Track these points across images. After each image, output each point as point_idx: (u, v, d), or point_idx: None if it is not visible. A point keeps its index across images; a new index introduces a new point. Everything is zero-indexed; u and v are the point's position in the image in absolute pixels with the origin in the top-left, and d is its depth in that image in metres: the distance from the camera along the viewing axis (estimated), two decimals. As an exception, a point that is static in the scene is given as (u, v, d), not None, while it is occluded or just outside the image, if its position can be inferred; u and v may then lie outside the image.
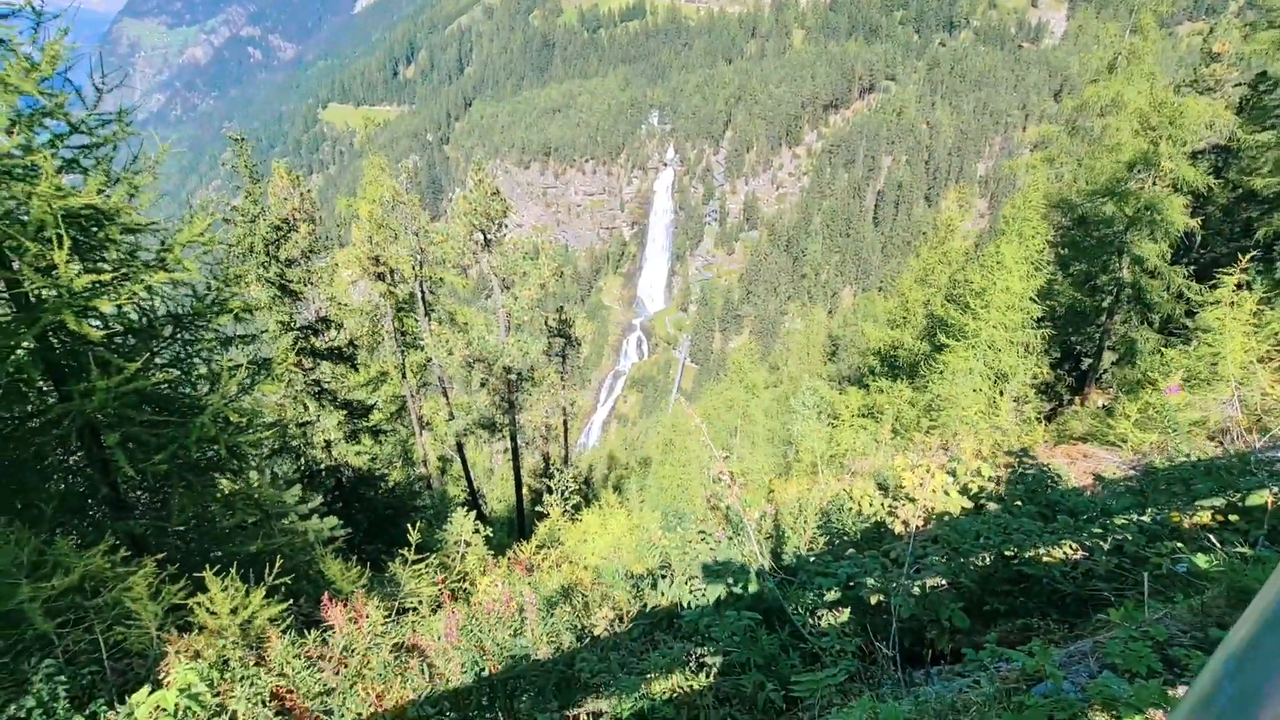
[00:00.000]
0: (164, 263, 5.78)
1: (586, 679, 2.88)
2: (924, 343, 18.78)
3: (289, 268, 13.12)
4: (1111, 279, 17.00)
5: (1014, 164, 25.71)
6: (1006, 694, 1.97)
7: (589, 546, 11.48)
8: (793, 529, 4.73)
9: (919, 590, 3.28)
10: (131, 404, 5.58)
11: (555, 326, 23.09)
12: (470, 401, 20.11)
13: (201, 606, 4.62)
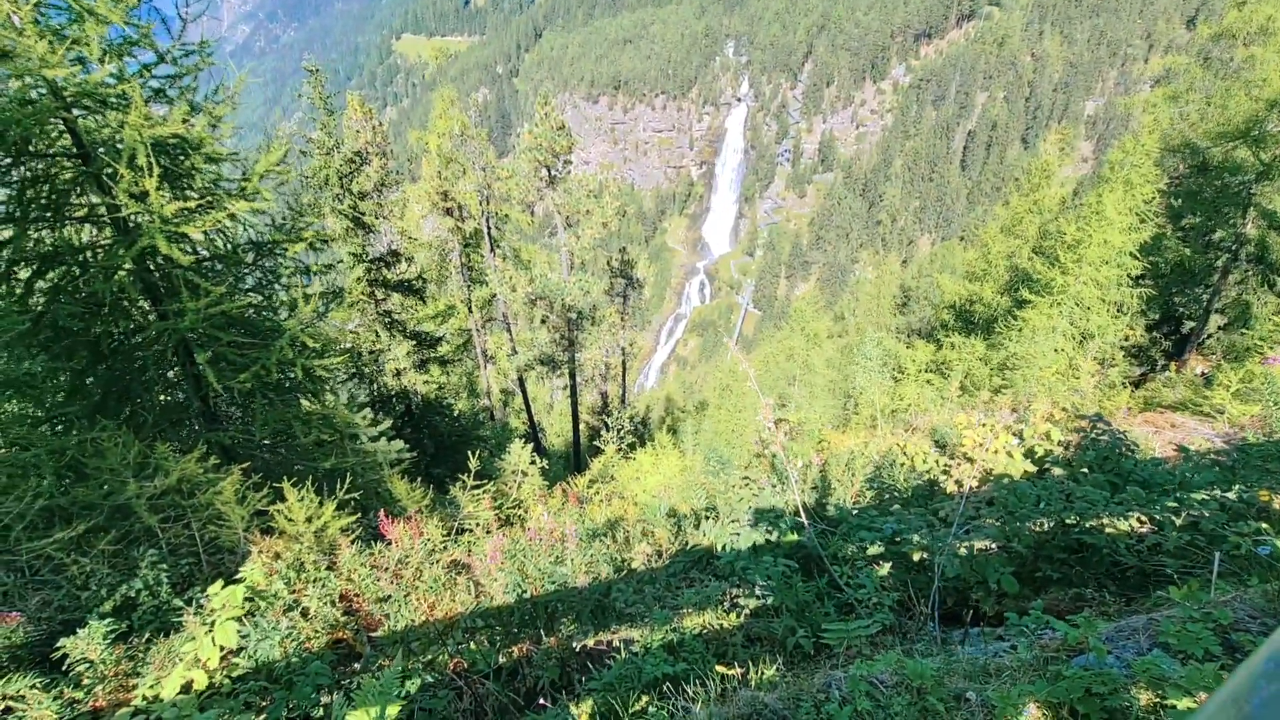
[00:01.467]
0: (244, 192, 6.05)
1: (621, 608, 2.99)
2: (1004, 297, 17.69)
3: (362, 200, 13.52)
4: (1231, 234, 15.33)
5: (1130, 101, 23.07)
6: (1044, 662, 1.91)
7: (640, 484, 11.77)
8: (840, 481, 4.67)
9: (966, 551, 3.19)
10: (219, 325, 5.99)
11: (617, 267, 23.06)
12: (532, 338, 20.56)
13: (281, 514, 5.05)
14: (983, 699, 1.75)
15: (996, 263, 18.28)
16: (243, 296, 6.45)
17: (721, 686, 2.10)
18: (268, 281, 6.82)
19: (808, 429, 14.63)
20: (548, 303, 18.64)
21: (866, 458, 6.54)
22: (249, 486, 5.48)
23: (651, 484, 11.65)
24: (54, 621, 4.11)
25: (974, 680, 1.88)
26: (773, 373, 21.96)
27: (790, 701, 1.84)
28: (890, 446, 6.80)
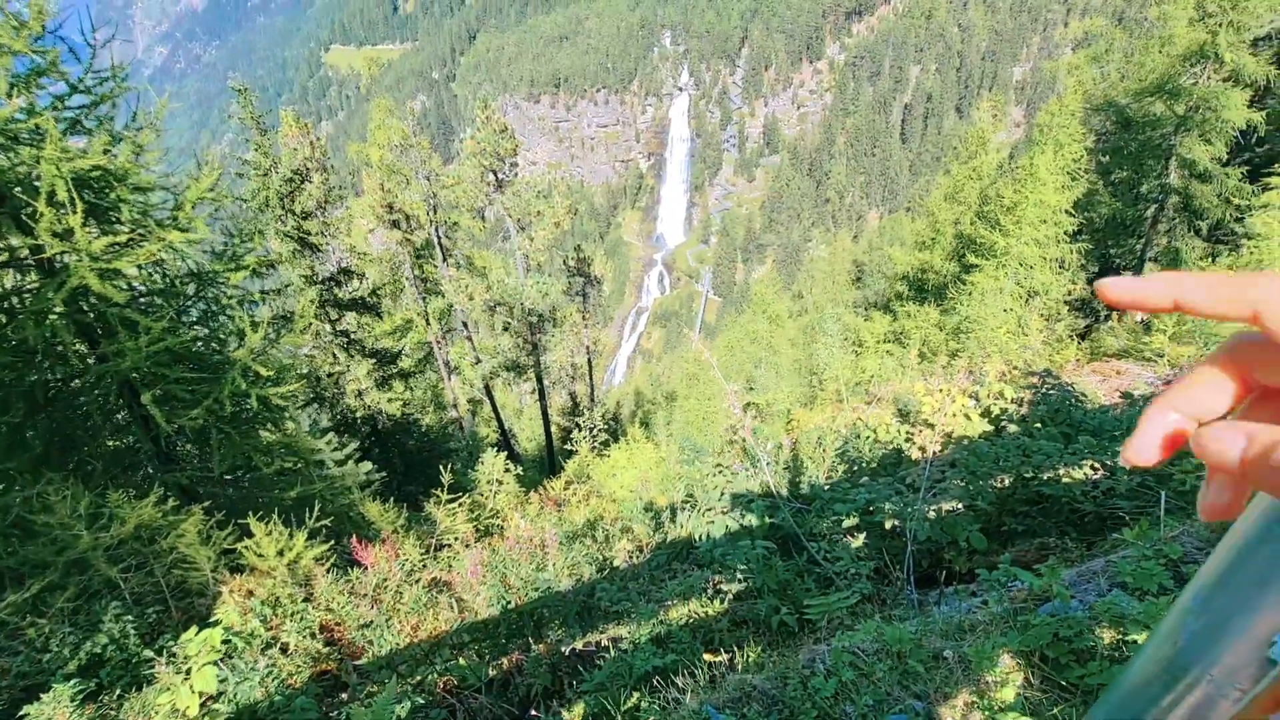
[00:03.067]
0: (177, 221, 5.82)
1: (607, 607, 3.00)
2: (953, 263, 18.21)
3: (305, 220, 13.13)
4: (1157, 185, 16.05)
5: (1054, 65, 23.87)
6: (1014, 613, 1.99)
7: (617, 481, 11.79)
8: (811, 458, 4.76)
9: (935, 514, 3.30)
10: (163, 362, 5.75)
11: (574, 265, 22.93)
12: (495, 344, 20.32)
13: (250, 550, 4.90)
14: (959, 655, 1.82)
15: (943, 230, 18.81)
16: (186, 330, 6.20)
17: (710, 673, 2.13)
18: (213, 312, 6.58)
19: (777, 410, 14.86)
20: (507, 308, 18.44)
21: (835, 432, 6.68)
22: (213, 525, 5.30)
23: (628, 479, 11.68)
24: (16, 689, 3.92)
25: (950, 638, 1.95)
26: (738, 357, 22.20)
27: (777, 680, 1.89)
28: (854, 420, 6.95)
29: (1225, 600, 0.48)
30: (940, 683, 1.77)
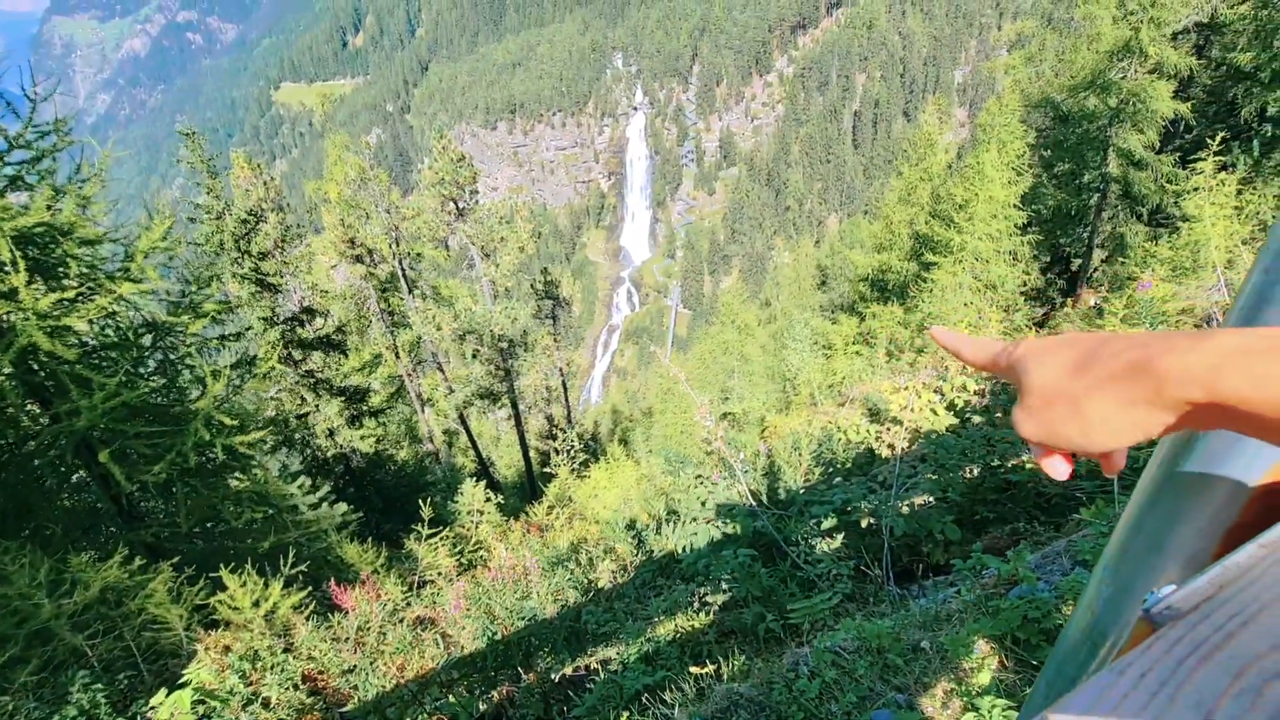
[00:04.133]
0: (129, 273, 5.69)
1: (594, 630, 2.99)
2: (911, 262, 18.68)
3: (263, 260, 12.92)
4: (1097, 175, 16.74)
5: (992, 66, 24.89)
6: (986, 600, 2.05)
7: (599, 501, 11.72)
8: (788, 463, 4.82)
9: (908, 509, 3.37)
10: (121, 418, 5.58)
11: (542, 289, 22.92)
12: (467, 373, 20.13)
13: (224, 604, 4.75)
14: (937, 645, 1.87)
15: (899, 231, 19.31)
16: (144, 383, 6.04)
17: (698, 686, 2.14)
18: (171, 363, 6.42)
19: (752, 417, 14.98)
20: (477, 336, 18.32)
21: (811, 436, 6.77)
22: (183, 582, 5.12)
23: (610, 499, 11.62)
24: (-22, 773, 3.72)
25: (928, 629, 2.00)
26: (711, 368, 22.35)
27: (764, 687, 1.91)
28: (826, 423, 7.06)
29: (1127, 566, 0.52)
30: (920, 674, 1.81)
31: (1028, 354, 0.47)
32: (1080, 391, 0.42)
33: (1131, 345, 0.41)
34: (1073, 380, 0.43)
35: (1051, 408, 0.44)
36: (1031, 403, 0.46)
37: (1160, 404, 0.39)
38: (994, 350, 0.52)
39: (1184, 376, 0.37)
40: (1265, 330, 0.37)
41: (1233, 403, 0.36)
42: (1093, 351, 0.43)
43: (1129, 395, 0.40)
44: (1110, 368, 0.41)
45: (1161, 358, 0.39)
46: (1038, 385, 0.45)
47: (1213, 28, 16.68)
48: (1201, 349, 0.37)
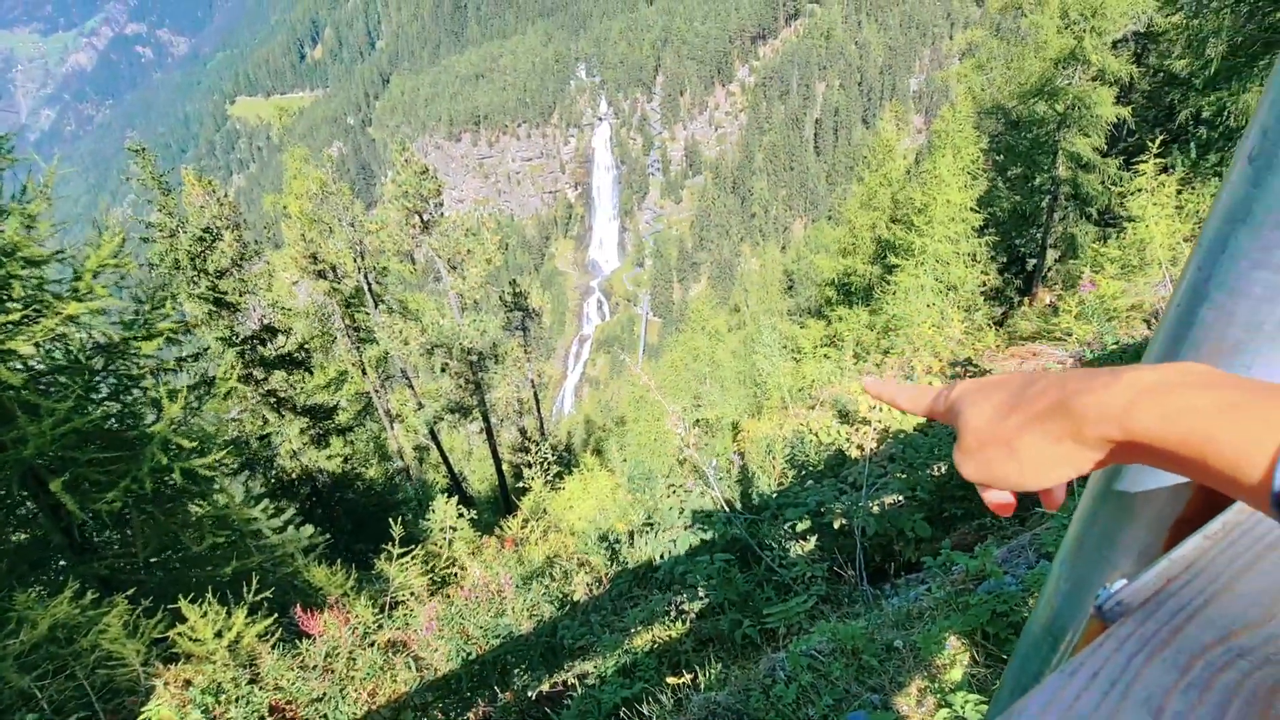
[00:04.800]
0: (77, 293, 5.47)
1: (570, 644, 2.95)
2: (875, 266, 19.07)
3: (220, 279, 12.56)
4: (1048, 178, 17.35)
5: (945, 74, 25.67)
6: (956, 596, 2.09)
7: (574, 513, 11.62)
8: (761, 468, 4.85)
9: (879, 509, 3.42)
10: (72, 444, 5.34)
11: (510, 300, 22.76)
12: (437, 387, 19.84)
13: (184, 636, 4.56)
14: (910, 644, 1.89)
15: (862, 236, 19.70)
16: (96, 408, 5.80)
17: (676, 697, 2.13)
18: (125, 386, 6.17)
19: (725, 423, 15.05)
20: (446, 349, 18.08)
21: (783, 439, 6.83)
22: (140, 614, 4.91)
23: (585, 510, 11.54)
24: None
25: (900, 628, 2.02)
26: (683, 375, 22.42)
27: (741, 694, 1.91)
28: (798, 425, 7.13)
29: (1082, 561, 0.53)
30: (894, 673, 1.83)
31: (962, 397, 0.49)
32: (1011, 432, 0.43)
33: (1053, 385, 0.42)
34: (1004, 421, 0.44)
35: (987, 449, 0.45)
36: (969, 444, 0.47)
37: (1083, 442, 0.40)
38: (929, 397, 0.53)
39: (1100, 415, 0.38)
40: (1176, 366, 0.38)
41: (1145, 440, 0.36)
42: (1020, 392, 0.44)
43: (1055, 434, 0.41)
44: (1035, 408, 0.42)
45: (1078, 398, 0.39)
46: (973, 427, 0.46)
47: (1149, 36, 17.51)
48: (1115, 388, 0.38)
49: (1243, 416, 0.33)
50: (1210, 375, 0.36)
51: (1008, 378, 0.47)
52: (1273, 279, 0.36)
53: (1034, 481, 0.43)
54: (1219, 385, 0.35)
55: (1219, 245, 0.38)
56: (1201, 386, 0.35)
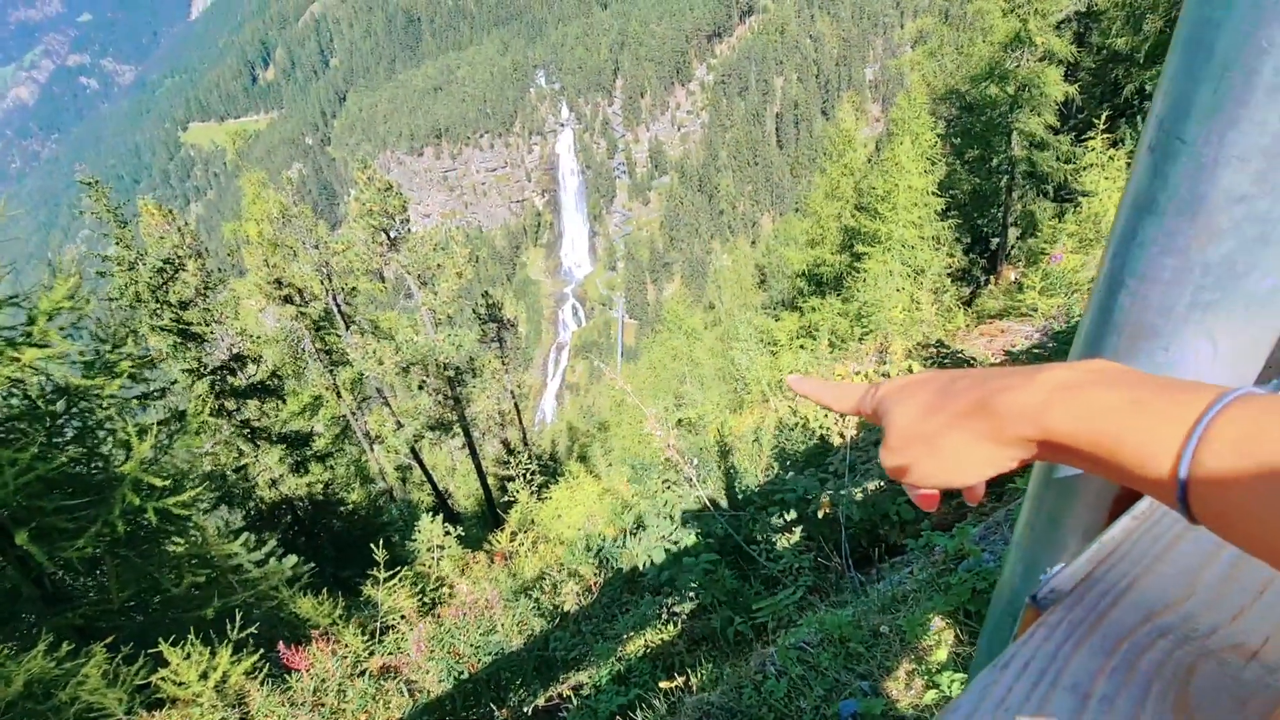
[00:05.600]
0: (31, 338, 5.30)
1: (563, 656, 2.94)
2: (843, 255, 19.32)
3: (185, 310, 12.26)
4: (1004, 158, 17.76)
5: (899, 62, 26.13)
6: (938, 576, 2.12)
7: (563, 521, 11.57)
8: (747, 457, 4.88)
9: (862, 494, 3.46)
10: (37, 493, 5.17)
11: (485, 312, 22.58)
12: (415, 405, 19.61)
13: (167, 680, 4.44)
14: (895, 628, 1.92)
15: (828, 226, 19.93)
16: (60, 453, 5.63)
17: (669, 700, 2.13)
18: (89, 428, 5.99)
19: (707, 420, 15.10)
20: (422, 366, 17.87)
21: (767, 431, 6.88)
22: (119, 662, 4.76)
23: (573, 518, 11.49)
24: None
25: (886, 613, 2.05)
26: (662, 376, 22.47)
27: (733, 692, 1.92)
28: (782, 414, 7.19)
29: (1032, 542, 0.55)
30: (881, 658, 1.86)
31: (886, 396, 0.49)
32: (934, 431, 0.44)
33: (975, 384, 0.43)
34: (927, 420, 0.44)
35: (911, 447, 0.45)
36: (893, 443, 0.47)
37: (1003, 441, 0.40)
38: (856, 395, 0.53)
39: (1018, 415, 0.38)
40: (1088, 364, 0.38)
41: (1060, 440, 0.37)
42: (944, 390, 0.45)
43: (976, 433, 0.41)
44: (957, 407, 0.43)
45: (996, 396, 0.40)
46: (897, 426, 0.47)
47: (1090, 16, 18.02)
48: (1030, 387, 0.39)
49: (1148, 415, 0.33)
50: (1119, 373, 0.37)
51: (931, 376, 0.47)
52: (1179, 264, 0.37)
53: (956, 479, 0.44)
54: (1127, 383, 0.36)
55: (1129, 234, 0.39)
56: (1110, 385, 0.36)
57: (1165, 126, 0.35)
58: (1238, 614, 0.33)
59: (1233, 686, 0.30)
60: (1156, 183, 0.36)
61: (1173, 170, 0.35)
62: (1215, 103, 0.31)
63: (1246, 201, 0.33)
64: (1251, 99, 0.30)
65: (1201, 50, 0.30)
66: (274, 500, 12.86)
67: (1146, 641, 0.32)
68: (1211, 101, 0.31)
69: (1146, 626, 0.32)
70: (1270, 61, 0.28)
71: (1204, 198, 0.34)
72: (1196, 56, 0.30)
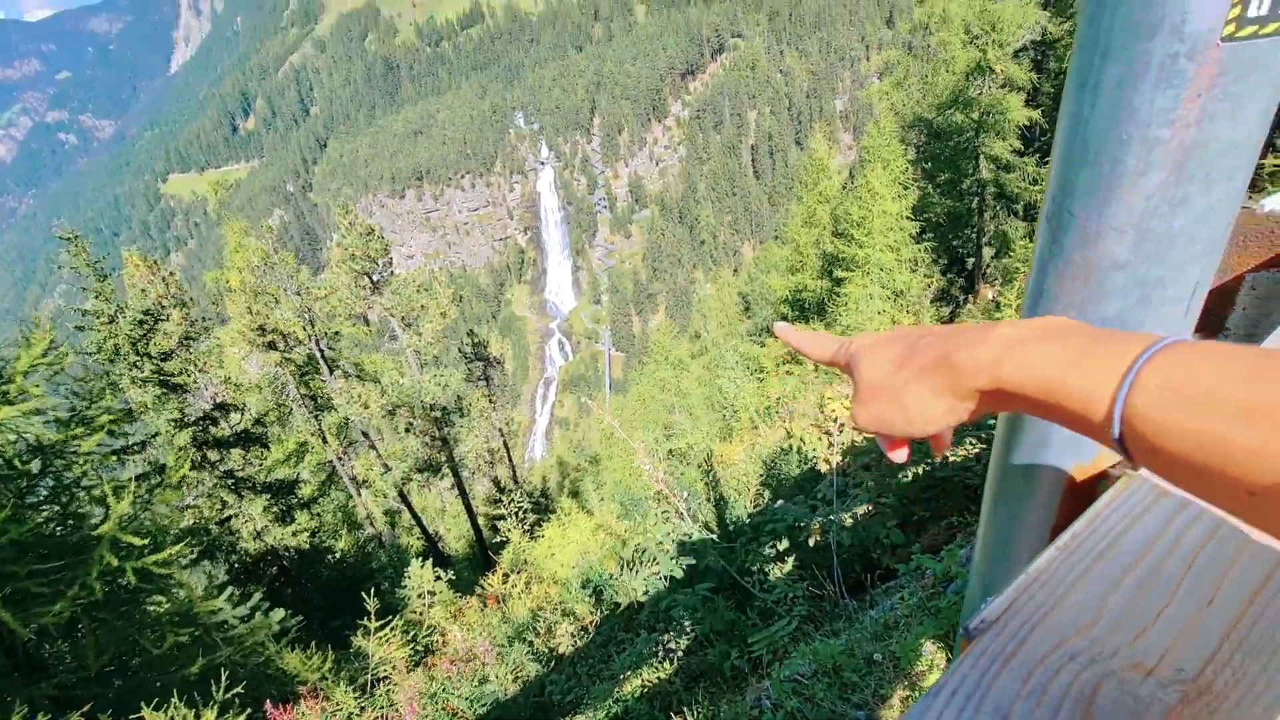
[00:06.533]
0: (7, 396, 5.21)
1: (559, 700, 2.88)
2: (824, 280, 19.63)
3: (166, 361, 12.13)
4: (974, 181, 18.30)
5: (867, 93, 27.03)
6: (928, 600, 2.13)
7: (555, 560, 11.38)
8: (735, 490, 4.87)
9: (852, 520, 3.47)
10: (9, 558, 5.02)
11: (470, 351, 22.55)
12: (402, 448, 19.38)
13: (149, 748, 4.26)
14: (889, 654, 1.92)
15: (807, 252, 20.28)
16: (34, 514, 5.49)
17: (667, 742, 2.10)
18: (65, 487, 5.86)
19: (698, 450, 15.06)
20: (408, 408, 17.73)
21: (757, 460, 6.88)
22: (99, 731, 4.58)
23: (567, 555, 11.31)
24: None
25: (879, 640, 2.05)
26: (651, 407, 22.44)
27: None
28: (779, 437, 7.20)
29: (986, 565, 0.57)
30: (876, 686, 1.85)
31: (858, 351, 0.53)
32: (900, 385, 0.48)
33: (937, 341, 0.47)
34: (894, 375, 0.48)
35: (878, 400, 0.50)
36: (863, 396, 0.51)
37: (960, 393, 0.44)
38: (833, 347, 0.57)
39: (974, 368, 0.43)
40: (1039, 320, 0.43)
41: (1009, 388, 0.41)
42: (911, 347, 0.48)
43: (937, 386, 0.45)
44: (921, 362, 0.47)
45: (957, 353, 0.44)
46: (867, 380, 0.51)
47: (1046, 44, 18.80)
48: (986, 342, 0.43)
49: (1087, 364, 0.37)
50: (1066, 327, 0.41)
51: (899, 334, 0.51)
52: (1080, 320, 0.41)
53: (920, 429, 0.48)
54: (1071, 335, 0.40)
55: (1038, 290, 0.44)
56: (1055, 338, 0.40)
57: (1057, 200, 0.39)
58: (1139, 634, 0.35)
59: (1131, 704, 0.32)
60: (1055, 248, 0.41)
61: (1065, 238, 0.39)
62: (1092, 184, 0.35)
63: (1127, 268, 0.37)
64: (1119, 182, 0.34)
65: (1078, 139, 0.35)
66: (259, 552, 12.56)
67: (1057, 665, 0.35)
68: (1089, 182, 0.36)
69: (1058, 652, 0.35)
70: (1132, 151, 0.33)
71: (1092, 263, 0.39)
72: (1074, 144, 0.35)
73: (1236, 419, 0.29)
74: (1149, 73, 0.32)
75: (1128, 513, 0.42)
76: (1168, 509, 0.41)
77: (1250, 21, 0.29)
